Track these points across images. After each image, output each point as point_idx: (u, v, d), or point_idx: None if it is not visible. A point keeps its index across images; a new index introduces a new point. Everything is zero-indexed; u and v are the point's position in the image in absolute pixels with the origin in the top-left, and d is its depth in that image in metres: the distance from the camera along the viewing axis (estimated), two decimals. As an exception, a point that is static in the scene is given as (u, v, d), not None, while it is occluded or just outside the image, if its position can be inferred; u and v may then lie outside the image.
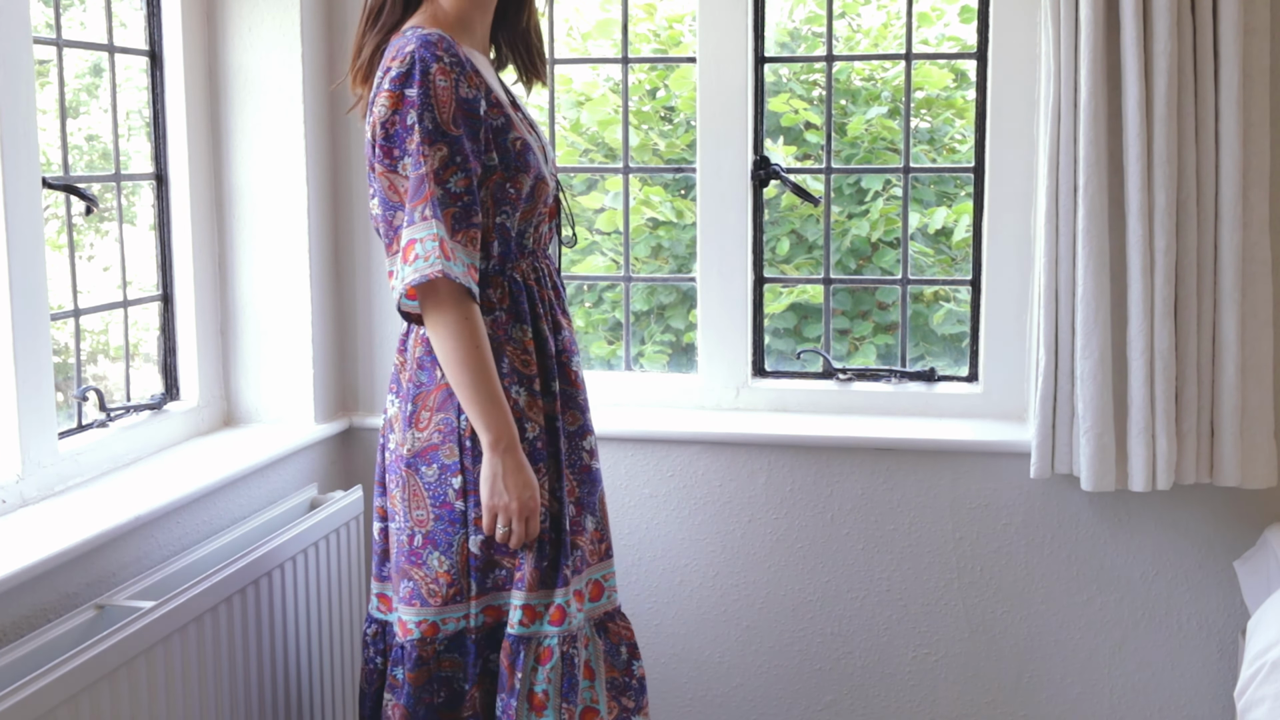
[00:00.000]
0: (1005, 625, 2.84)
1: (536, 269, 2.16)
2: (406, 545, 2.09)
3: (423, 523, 2.08)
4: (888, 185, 4.05)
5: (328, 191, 2.91)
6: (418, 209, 1.96)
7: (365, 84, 2.13)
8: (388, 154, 1.99)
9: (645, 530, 2.92)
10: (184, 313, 2.76)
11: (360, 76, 2.14)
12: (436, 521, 2.06)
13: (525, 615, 2.07)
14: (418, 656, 2.08)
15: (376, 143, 2.00)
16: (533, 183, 2.10)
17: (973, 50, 2.91)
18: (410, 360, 2.11)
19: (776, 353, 3.26)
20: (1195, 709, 2.79)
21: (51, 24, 2.40)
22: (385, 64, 2.02)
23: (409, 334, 2.14)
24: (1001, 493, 2.79)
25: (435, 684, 2.10)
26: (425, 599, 2.08)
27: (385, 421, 2.19)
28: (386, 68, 2.01)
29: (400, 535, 2.11)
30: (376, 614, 2.23)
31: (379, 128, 1.99)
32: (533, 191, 2.11)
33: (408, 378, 2.11)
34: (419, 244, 1.95)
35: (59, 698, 1.79)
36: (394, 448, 2.13)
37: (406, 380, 2.11)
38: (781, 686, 2.93)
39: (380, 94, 2.00)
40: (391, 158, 1.99)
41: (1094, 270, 2.53)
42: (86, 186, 2.43)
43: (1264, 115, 2.53)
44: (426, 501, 2.07)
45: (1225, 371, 2.55)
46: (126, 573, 2.24)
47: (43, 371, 2.25)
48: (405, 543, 2.09)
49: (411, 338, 2.13)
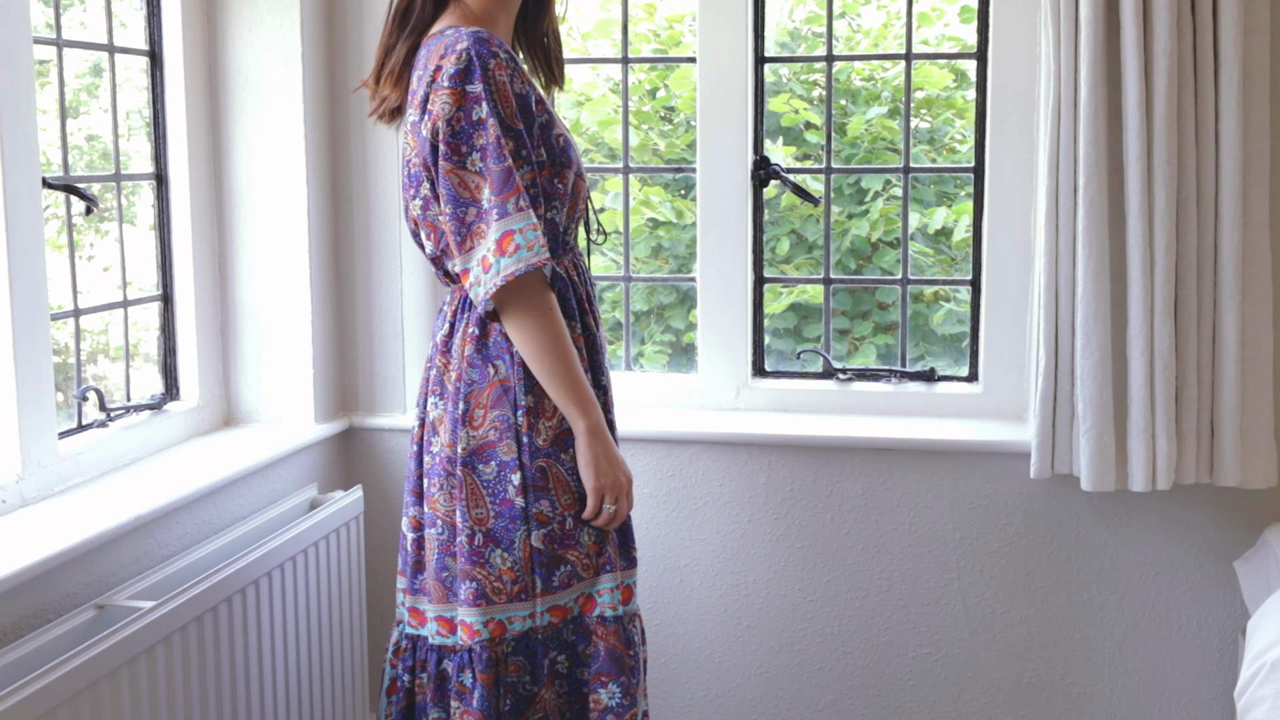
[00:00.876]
0: (1005, 625, 2.84)
1: (577, 265, 2.17)
2: (466, 545, 2.07)
3: (483, 520, 2.06)
4: (888, 185, 4.05)
5: (328, 191, 2.91)
6: (509, 201, 1.96)
7: (397, 87, 2.12)
8: (455, 150, 1.98)
9: (645, 530, 2.92)
10: (184, 313, 2.76)
11: (392, 80, 2.13)
12: (497, 519, 2.06)
13: (623, 595, 2.10)
14: (488, 658, 2.06)
15: (442, 140, 1.99)
16: (574, 179, 2.12)
17: (973, 50, 2.91)
18: (458, 360, 2.10)
19: (776, 353, 3.26)
20: (1195, 709, 2.79)
21: (51, 24, 2.40)
22: (433, 63, 2.01)
23: (452, 335, 2.12)
24: (1001, 493, 2.79)
25: (501, 689, 2.09)
26: (490, 597, 2.06)
27: (424, 426, 2.16)
28: (438, 66, 2.00)
29: (459, 537, 2.08)
30: (409, 629, 2.19)
31: (443, 124, 1.98)
32: (574, 188, 2.13)
33: (455, 377, 2.10)
34: (519, 234, 1.95)
35: (59, 698, 1.79)
36: (439, 450, 2.11)
37: (454, 380, 2.10)
38: (781, 686, 2.93)
39: (440, 91, 1.98)
40: (460, 154, 1.98)
41: (1094, 270, 2.53)
42: (86, 186, 2.43)
43: (1264, 115, 2.53)
44: (486, 499, 2.06)
45: (1225, 371, 2.55)
46: (126, 573, 2.24)
47: (43, 371, 2.25)
48: (465, 543, 2.07)
49: (456, 338, 2.11)
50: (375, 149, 2.91)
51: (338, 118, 2.93)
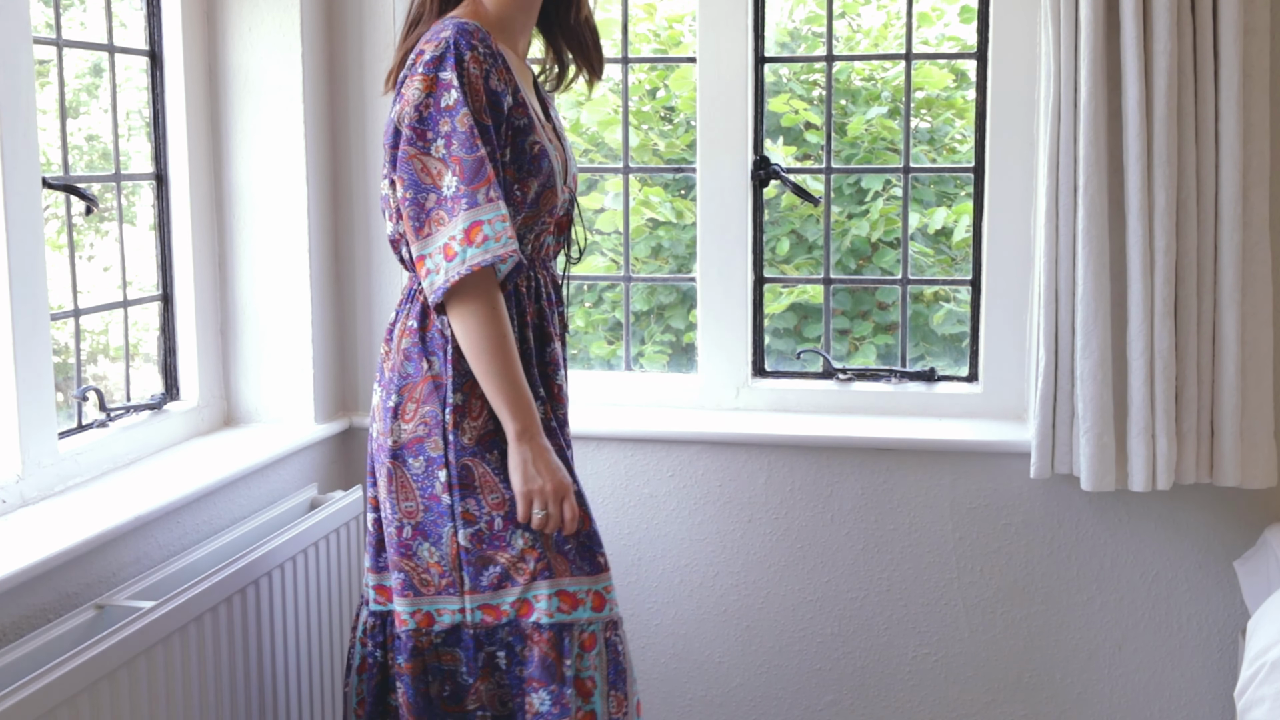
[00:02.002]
0: (1005, 625, 2.84)
1: (532, 278, 2.14)
2: (395, 537, 2.08)
3: (412, 514, 2.07)
4: (888, 185, 4.05)
5: (328, 191, 2.91)
6: (480, 191, 1.94)
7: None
8: (420, 135, 1.97)
9: (645, 530, 2.92)
10: (184, 313, 2.76)
11: (391, 81, 2.13)
12: (426, 513, 2.06)
13: (563, 602, 2.05)
14: (413, 647, 2.08)
15: (406, 124, 1.98)
16: (539, 190, 2.09)
17: (973, 50, 2.91)
18: (395, 351, 2.10)
19: (776, 353, 3.26)
20: (1195, 709, 2.79)
21: (51, 24, 2.40)
22: (419, 48, 2.01)
23: (395, 324, 2.12)
24: (1001, 493, 2.79)
25: (436, 676, 2.10)
26: (418, 589, 2.07)
27: (370, 411, 2.18)
28: (420, 51, 2.00)
29: (389, 527, 2.10)
30: (375, 606, 2.19)
31: (410, 109, 1.98)
32: (538, 198, 2.09)
33: (391, 368, 2.10)
34: (487, 224, 1.93)
35: (59, 698, 1.79)
36: (377, 437, 2.12)
37: (390, 370, 2.10)
38: (781, 686, 2.93)
39: (413, 76, 1.98)
40: (425, 140, 1.97)
41: (1094, 270, 2.53)
42: (86, 186, 2.43)
43: (1264, 115, 2.53)
44: (415, 493, 2.07)
45: (1225, 371, 2.55)
46: (126, 573, 2.24)
47: (43, 371, 2.24)
48: (394, 535, 2.09)
49: (398, 328, 2.10)
50: (375, 149, 2.91)
51: (338, 118, 2.93)
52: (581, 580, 2.08)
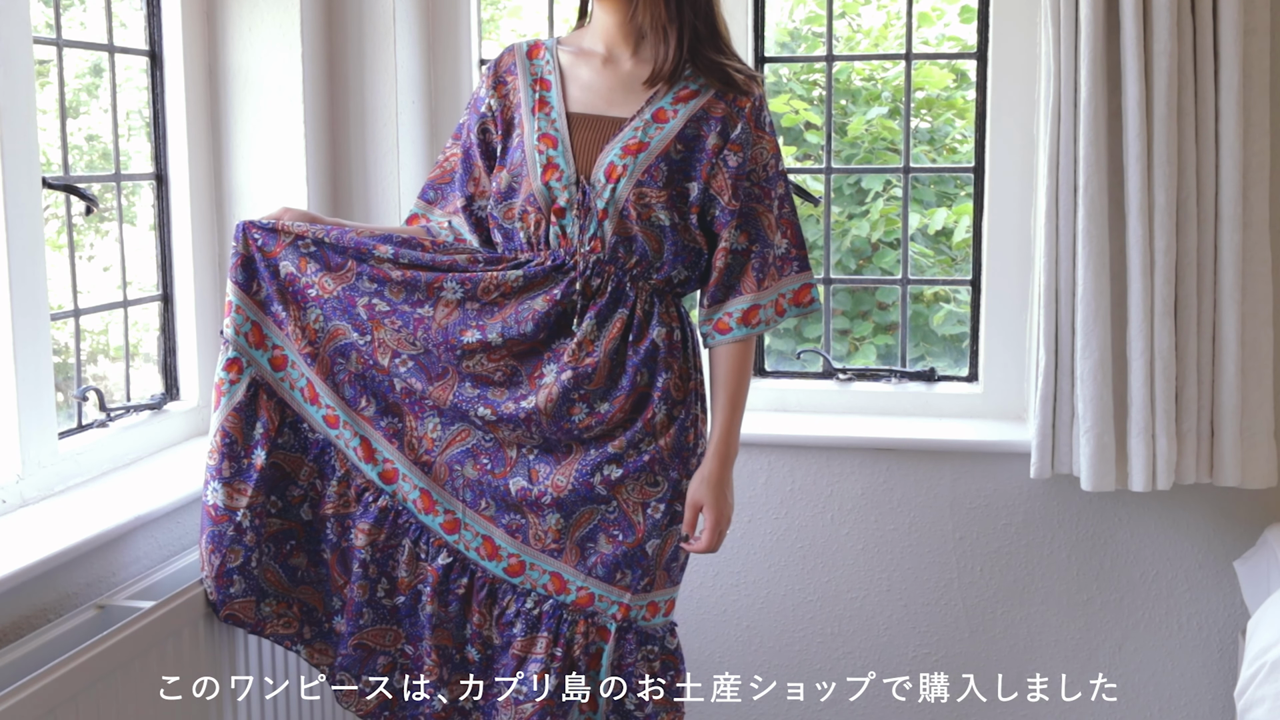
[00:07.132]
0: (1005, 625, 2.84)
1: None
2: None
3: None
4: (888, 185, 4.05)
5: (328, 191, 2.91)
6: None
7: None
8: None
9: (645, 530, 2.91)
10: (184, 313, 2.76)
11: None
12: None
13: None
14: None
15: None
16: (521, 206, 2.17)
17: (973, 50, 2.91)
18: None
19: (776, 353, 3.26)
20: (1195, 709, 2.79)
21: (51, 24, 2.40)
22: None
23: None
24: (1001, 493, 2.79)
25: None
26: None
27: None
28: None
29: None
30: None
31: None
32: (520, 216, 2.18)
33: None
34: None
35: (59, 698, 1.79)
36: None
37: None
38: (781, 686, 2.93)
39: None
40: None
41: (1094, 270, 2.53)
42: (86, 186, 2.43)
43: (1264, 115, 2.53)
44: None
45: (1225, 371, 2.55)
46: (126, 573, 2.24)
47: (43, 371, 2.24)
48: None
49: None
50: (375, 149, 2.91)
51: (338, 118, 2.92)
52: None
